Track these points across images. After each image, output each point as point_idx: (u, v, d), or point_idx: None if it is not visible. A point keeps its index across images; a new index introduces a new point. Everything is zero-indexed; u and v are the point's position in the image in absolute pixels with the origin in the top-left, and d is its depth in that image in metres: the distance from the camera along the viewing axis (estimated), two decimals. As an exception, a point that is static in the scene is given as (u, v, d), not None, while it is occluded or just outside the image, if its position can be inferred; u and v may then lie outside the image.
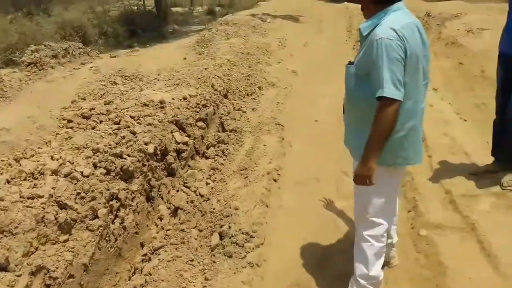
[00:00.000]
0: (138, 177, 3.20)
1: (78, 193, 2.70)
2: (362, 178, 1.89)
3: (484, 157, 3.56)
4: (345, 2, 15.53)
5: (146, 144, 3.38)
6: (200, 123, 4.35)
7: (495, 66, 3.39)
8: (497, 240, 2.60)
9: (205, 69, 5.72)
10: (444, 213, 2.99)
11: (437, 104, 5.31)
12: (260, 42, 8.60)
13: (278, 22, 11.71)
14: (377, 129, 1.82)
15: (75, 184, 2.74)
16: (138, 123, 3.68)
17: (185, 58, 7.21)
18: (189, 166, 3.87)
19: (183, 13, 15.76)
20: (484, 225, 2.76)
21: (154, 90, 4.67)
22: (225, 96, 5.29)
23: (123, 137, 3.36)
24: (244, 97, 5.53)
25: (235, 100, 5.31)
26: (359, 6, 2.09)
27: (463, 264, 2.46)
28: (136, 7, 13.58)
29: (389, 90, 1.76)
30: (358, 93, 1.97)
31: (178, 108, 4.26)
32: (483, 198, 3.03)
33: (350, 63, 2.02)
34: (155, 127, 3.71)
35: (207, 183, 3.56)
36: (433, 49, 9.16)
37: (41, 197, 2.52)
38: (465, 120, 4.87)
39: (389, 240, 2.32)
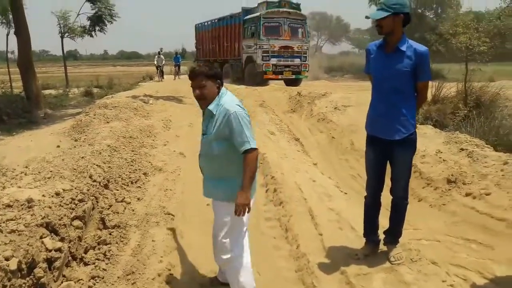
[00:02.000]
0: (-6, 304, 2.58)
1: None
2: (244, 206, 2.51)
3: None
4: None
5: (7, 259, 2.78)
6: (76, 222, 3.82)
7: (362, 139, 3.56)
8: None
9: (82, 157, 5.24)
10: (342, 294, 2.96)
11: (319, 179, 5.57)
12: (143, 125, 8.37)
13: (160, 103, 11.72)
14: (251, 169, 2.54)
15: None
16: (-2, 231, 3.06)
17: (58, 146, 6.62)
18: (64, 276, 3.29)
19: (57, 96, 14.89)
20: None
21: (20, 187, 4.04)
22: (106, 187, 4.83)
23: (-25, 253, 2.73)
24: (128, 185, 5.13)
25: (117, 190, 4.88)
26: (238, 87, 2.39)
27: None
28: (1, 90, 12.40)
29: (253, 143, 2.55)
30: (218, 153, 2.63)
31: (50, 207, 3.69)
32: (375, 275, 3.08)
33: (204, 133, 2.72)
34: (19, 234, 3.11)
35: (87, 296, 3.03)
36: (307, 125, 9.95)
37: None
38: (345, 193, 5.16)
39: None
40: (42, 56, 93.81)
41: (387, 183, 3.31)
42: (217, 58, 21.62)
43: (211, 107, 2.61)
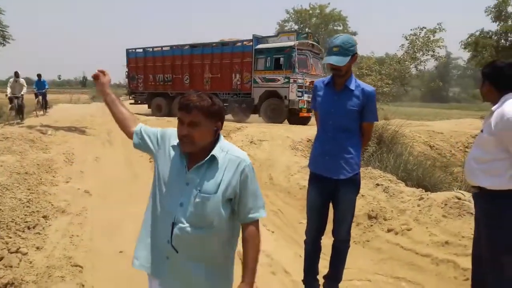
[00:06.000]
0: None
1: None
2: None
3: (301, 274, 3.53)
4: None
5: None
6: (-46, 283, 3.06)
7: (279, 173, 3.45)
8: None
9: (-36, 198, 4.37)
10: None
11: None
12: (42, 158, 7.41)
13: (61, 134, 10.64)
14: (258, 248, 1.86)
15: None
16: None
17: None
18: None
19: None
20: None
21: None
22: (-5, 234, 4.03)
23: None
24: (23, 231, 4.34)
25: (10, 238, 4.08)
26: (147, 118, 1.92)
27: None
28: None
29: (264, 211, 1.90)
30: (220, 224, 1.82)
31: None
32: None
33: (201, 191, 1.79)
34: None
35: None
36: (224, 160, 9.76)
37: None
38: (272, 232, 4.98)
39: None
40: None
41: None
42: (170, 91, 18.24)
43: (215, 151, 1.84)
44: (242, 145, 9.85)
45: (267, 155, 8.72)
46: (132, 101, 19.89)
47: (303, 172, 6.93)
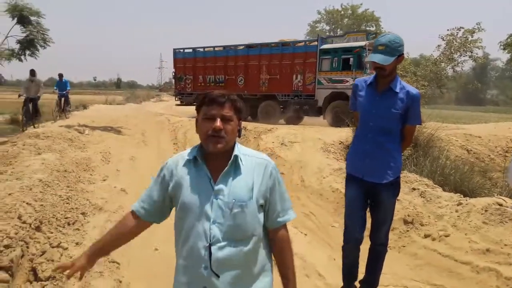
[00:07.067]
0: None
1: None
2: None
3: (336, 278, 3.49)
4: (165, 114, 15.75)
5: None
6: (1, 275, 3.20)
7: (311, 175, 3.38)
8: None
9: (9, 194, 4.56)
10: None
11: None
12: (80, 157, 7.66)
13: (97, 134, 10.96)
14: (291, 252, 1.78)
15: None
16: None
17: (-21, 180, 5.76)
18: None
19: (-17, 123, 13.36)
20: None
21: None
22: (38, 229, 4.19)
23: None
24: (64, 227, 4.50)
25: (51, 233, 4.24)
26: (181, 119, 1.84)
27: None
28: None
29: (293, 213, 1.81)
30: (258, 232, 1.69)
31: (-33, 256, 3.09)
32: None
33: (237, 200, 1.62)
34: None
35: None
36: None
37: None
38: (305, 234, 4.95)
39: None
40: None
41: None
42: (242, 93, 16.79)
43: (237, 151, 1.71)
44: (273, 147, 9.84)
45: (298, 156, 8.68)
46: (178, 102, 19.59)
47: (336, 174, 6.85)
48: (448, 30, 11.02)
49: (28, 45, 18.26)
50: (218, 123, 1.62)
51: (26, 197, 4.62)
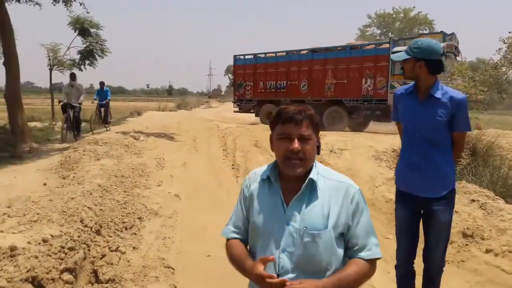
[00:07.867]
0: None
1: None
2: None
3: (392, 291, 3.39)
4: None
5: (-14, 325, 2.35)
6: (66, 276, 3.39)
7: (363, 184, 3.25)
8: None
9: (72, 198, 4.83)
10: None
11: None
12: (136, 163, 7.99)
13: (152, 140, 11.37)
14: (359, 277, 1.48)
15: None
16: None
17: (45, 184, 6.17)
18: None
19: (42, 129, 14.32)
20: None
21: (1, 232, 3.63)
22: (98, 233, 4.41)
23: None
24: (121, 231, 4.71)
25: (110, 237, 4.45)
26: (230, 125, 1.79)
27: None
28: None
29: (379, 252, 1.56)
30: (339, 263, 1.52)
31: (36, 257, 3.28)
32: None
33: (308, 228, 1.48)
34: (0, 293, 2.71)
35: None
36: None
37: None
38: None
39: None
40: (26, 87, 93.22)
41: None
42: (283, 98, 16.65)
43: (313, 175, 1.55)
44: (321, 154, 9.74)
45: (349, 164, 8.52)
46: (237, 109, 19.44)
47: (389, 184, 6.65)
48: (510, 32, 10.42)
49: (88, 55, 19.42)
50: (296, 144, 1.48)
51: (87, 202, 4.87)
